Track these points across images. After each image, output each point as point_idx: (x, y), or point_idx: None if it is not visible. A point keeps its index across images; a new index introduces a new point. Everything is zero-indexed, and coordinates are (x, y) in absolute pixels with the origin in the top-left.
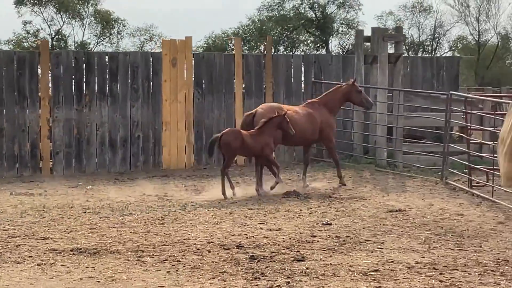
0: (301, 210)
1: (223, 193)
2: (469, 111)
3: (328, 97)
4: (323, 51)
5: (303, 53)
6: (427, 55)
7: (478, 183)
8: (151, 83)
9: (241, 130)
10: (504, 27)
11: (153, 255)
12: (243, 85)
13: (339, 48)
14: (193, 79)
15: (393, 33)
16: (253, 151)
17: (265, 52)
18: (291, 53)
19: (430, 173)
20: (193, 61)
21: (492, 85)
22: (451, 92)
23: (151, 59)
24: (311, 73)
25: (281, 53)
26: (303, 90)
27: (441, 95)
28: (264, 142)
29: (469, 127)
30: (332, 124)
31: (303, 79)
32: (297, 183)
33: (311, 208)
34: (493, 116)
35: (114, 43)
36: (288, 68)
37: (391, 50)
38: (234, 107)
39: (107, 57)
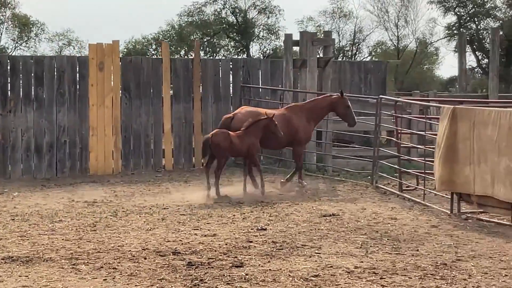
0: (234, 215)
1: (217, 193)
2: (400, 115)
3: (313, 104)
4: (244, 56)
5: (223, 57)
6: (349, 60)
7: (408, 186)
8: (78, 87)
9: (229, 132)
10: (422, 32)
11: (87, 262)
12: (171, 90)
13: (259, 53)
14: (120, 83)
15: (322, 37)
16: (240, 151)
17: (192, 56)
18: (219, 58)
19: (360, 177)
20: (120, 65)
21: (411, 90)
22: (381, 96)
23: (77, 63)
24: (239, 78)
25: (209, 57)
26: (231, 95)
27: (370, 99)
28: (250, 142)
29: (399, 131)
30: (308, 131)
31: (231, 83)
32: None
33: (244, 213)
34: (424, 120)
35: (31, 47)
36: (216, 72)
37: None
38: (162, 111)
39: (32, 61)
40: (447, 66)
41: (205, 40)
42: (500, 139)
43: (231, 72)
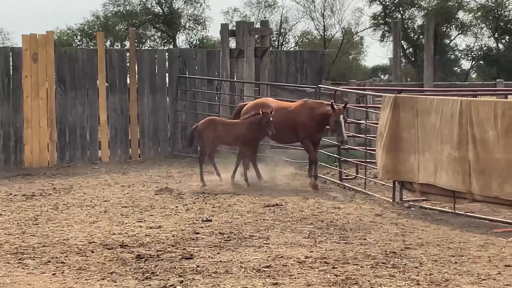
0: (177, 207)
1: (201, 179)
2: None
3: (322, 107)
4: (171, 47)
5: (150, 48)
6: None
7: (347, 175)
8: (11, 79)
9: (217, 119)
10: (348, 22)
11: (34, 257)
12: (107, 81)
13: (186, 44)
14: (55, 74)
15: (259, 27)
16: (225, 140)
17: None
18: (155, 48)
19: (299, 167)
20: (54, 56)
21: (338, 80)
22: (319, 85)
23: (11, 54)
24: (175, 68)
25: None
26: (168, 85)
27: (308, 89)
28: (239, 133)
29: None
30: (308, 127)
31: (167, 74)
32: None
33: (186, 205)
34: (365, 109)
35: None
36: (152, 63)
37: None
38: (97, 103)
39: None
40: (371, 56)
41: (127, 30)
42: (443, 127)
43: (167, 63)
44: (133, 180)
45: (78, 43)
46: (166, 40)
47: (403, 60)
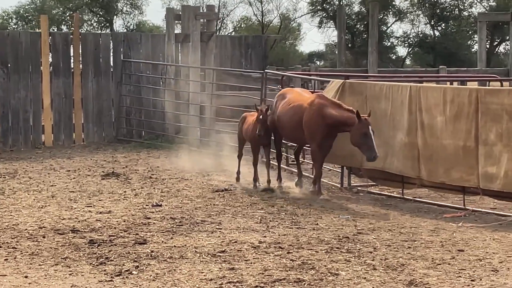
0: (125, 191)
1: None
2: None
3: (333, 109)
4: (108, 31)
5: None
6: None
7: (293, 160)
8: None
9: (247, 114)
10: (286, 7)
11: None
12: (51, 64)
13: (123, 28)
14: None
15: (205, 11)
16: (247, 137)
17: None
18: (99, 32)
19: (244, 152)
20: None
21: (276, 65)
22: (266, 70)
23: None
24: (120, 52)
25: (90, 31)
26: (112, 70)
27: (254, 74)
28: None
29: None
30: (315, 128)
31: (112, 58)
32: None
33: (135, 190)
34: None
35: None
36: (97, 46)
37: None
38: (41, 87)
39: None
40: (308, 41)
41: (67, 14)
42: (394, 113)
43: (111, 47)
44: (79, 164)
45: (14, 26)
46: (103, 25)
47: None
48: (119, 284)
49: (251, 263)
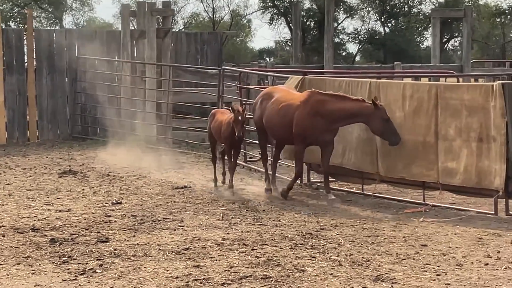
0: (83, 189)
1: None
2: (244, 86)
3: (339, 102)
4: (57, 27)
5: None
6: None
7: (251, 157)
8: None
9: (218, 111)
10: (237, 4)
11: None
12: (4, 61)
13: (73, 25)
14: None
15: (161, 7)
16: (218, 136)
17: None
18: (53, 29)
19: (201, 149)
20: None
21: (227, 62)
22: (224, 67)
23: None
24: (74, 49)
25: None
26: (67, 66)
27: (211, 70)
28: (223, 131)
29: (244, 102)
30: (306, 128)
31: (66, 54)
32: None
33: (93, 188)
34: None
35: None
36: (51, 43)
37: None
38: None
39: None
40: (259, 38)
41: (15, 11)
42: None
43: (66, 43)
44: (34, 162)
45: None
46: (52, 21)
47: (291, 43)
48: (83, 283)
49: (216, 260)
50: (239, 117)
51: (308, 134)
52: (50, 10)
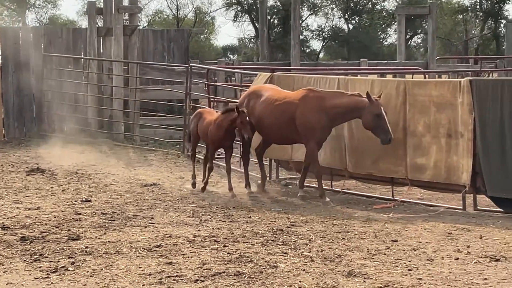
0: (52, 187)
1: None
2: (212, 83)
3: (337, 98)
4: (20, 25)
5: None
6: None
7: (219, 154)
8: None
9: (204, 111)
10: (201, 1)
11: None
12: None
13: (36, 22)
14: None
15: (127, 5)
16: (202, 136)
17: None
18: (19, 26)
19: (169, 146)
20: None
21: (191, 59)
22: (191, 64)
23: None
24: (41, 46)
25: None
26: (33, 64)
27: (178, 67)
28: (210, 130)
29: (211, 99)
30: (314, 124)
31: (32, 52)
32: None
33: (62, 185)
34: (240, 88)
35: None
36: (17, 41)
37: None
38: None
39: None
40: (223, 35)
41: None
42: None
43: (32, 41)
44: (1, 161)
45: None
46: (14, 19)
47: (254, 40)
48: (56, 281)
49: (188, 257)
50: (246, 118)
51: (319, 127)
52: (13, 8)
